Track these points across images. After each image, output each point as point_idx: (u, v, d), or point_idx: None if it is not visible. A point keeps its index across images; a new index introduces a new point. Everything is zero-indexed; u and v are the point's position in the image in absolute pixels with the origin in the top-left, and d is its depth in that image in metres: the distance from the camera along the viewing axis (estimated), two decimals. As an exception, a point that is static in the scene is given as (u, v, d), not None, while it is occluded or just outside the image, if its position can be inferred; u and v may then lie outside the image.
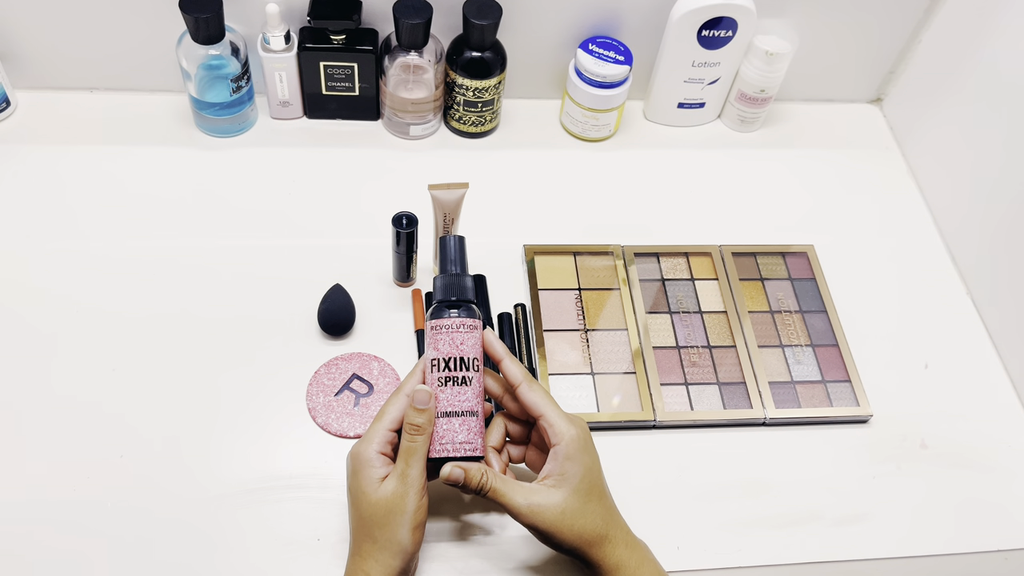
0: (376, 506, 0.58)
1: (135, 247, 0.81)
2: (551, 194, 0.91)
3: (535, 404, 0.61)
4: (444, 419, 0.61)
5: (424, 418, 0.60)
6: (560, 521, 0.58)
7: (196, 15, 0.79)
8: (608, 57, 0.89)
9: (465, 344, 0.61)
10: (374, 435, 0.60)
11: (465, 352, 0.61)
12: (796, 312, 0.83)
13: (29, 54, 0.89)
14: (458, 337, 0.61)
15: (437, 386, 0.61)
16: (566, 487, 0.59)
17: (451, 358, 0.61)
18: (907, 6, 0.94)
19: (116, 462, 0.69)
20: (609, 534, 0.59)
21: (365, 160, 0.91)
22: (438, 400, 0.61)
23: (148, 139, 0.90)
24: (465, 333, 0.61)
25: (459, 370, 0.61)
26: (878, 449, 0.76)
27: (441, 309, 0.62)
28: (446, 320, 0.61)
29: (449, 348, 0.61)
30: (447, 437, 0.60)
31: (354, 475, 0.60)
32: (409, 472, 0.58)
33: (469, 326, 0.62)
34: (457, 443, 0.60)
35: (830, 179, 0.97)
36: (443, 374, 0.61)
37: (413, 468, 0.59)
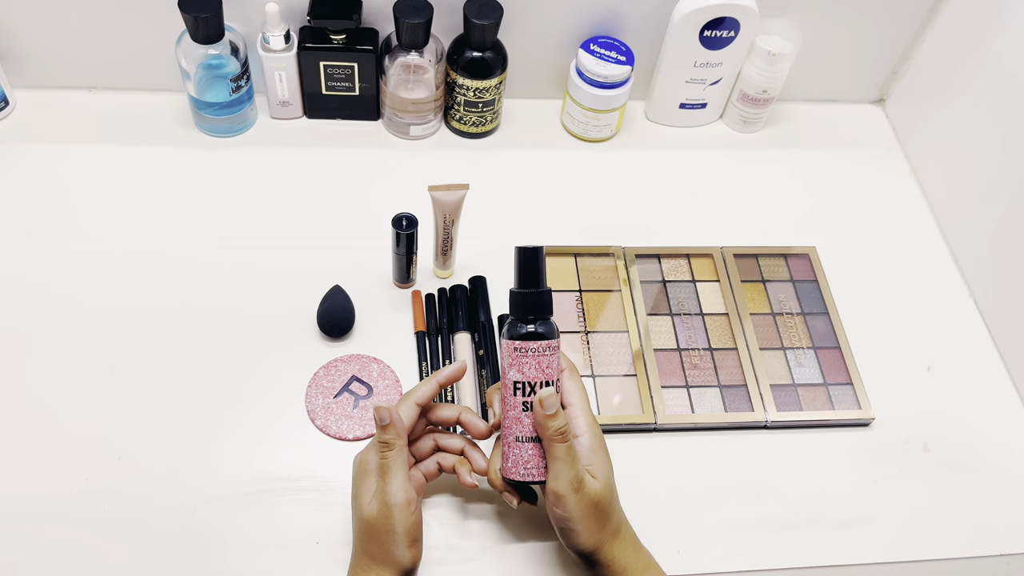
0: (367, 524, 0.58)
1: (134, 247, 0.81)
2: (552, 195, 0.90)
3: (569, 392, 0.61)
4: (529, 444, 0.60)
5: (391, 434, 0.59)
6: (592, 509, 0.58)
7: (195, 14, 0.79)
8: (609, 57, 0.89)
9: (551, 367, 0.59)
10: (376, 447, 0.60)
11: (551, 375, 0.59)
12: (798, 314, 0.83)
13: (28, 53, 0.88)
14: (544, 361, 0.59)
15: (520, 410, 0.59)
16: (600, 478, 0.59)
17: (537, 382, 0.59)
18: (910, 6, 0.93)
19: (114, 464, 0.68)
20: (620, 532, 0.60)
21: (365, 160, 0.91)
22: (522, 424, 0.59)
23: (147, 139, 0.89)
24: (551, 356, 0.59)
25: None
26: (880, 452, 0.76)
27: (520, 328, 0.59)
28: (533, 343, 0.58)
29: (536, 372, 0.59)
30: (532, 462, 0.60)
31: (355, 482, 0.60)
32: (388, 490, 0.58)
33: (553, 348, 0.59)
34: (542, 468, 0.60)
35: (832, 180, 0.96)
36: (528, 399, 0.59)
37: (391, 485, 0.58)
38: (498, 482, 0.63)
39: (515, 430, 0.60)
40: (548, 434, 0.58)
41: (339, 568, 0.65)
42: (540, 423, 0.58)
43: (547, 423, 0.58)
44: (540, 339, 0.59)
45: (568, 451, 0.58)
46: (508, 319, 0.61)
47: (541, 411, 0.58)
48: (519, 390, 0.59)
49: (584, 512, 0.58)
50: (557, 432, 0.58)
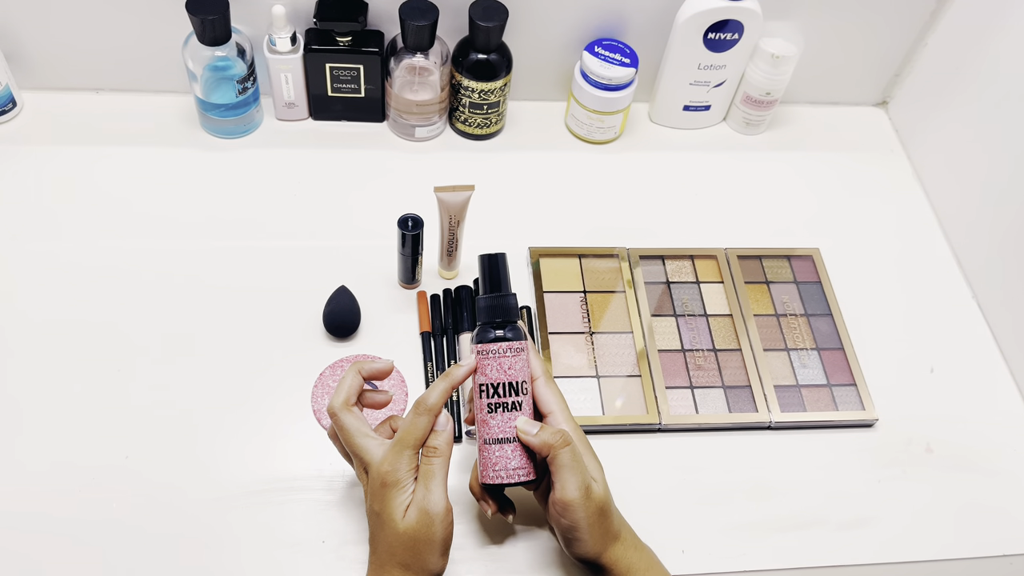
0: (404, 536, 0.56)
1: (142, 247, 0.81)
2: (556, 196, 0.91)
3: (547, 400, 0.61)
4: (496, 446, 0.59)
5: (442, 439, 0.58)
6: (598, 515, 0.58)
7: (202, 16, 0.79)
8: (614, 59, 0.89)
9: (513, 368, 0.59)
10: (403, 456, 0.57)
11: (514, 376, 0.60)
12: (801, 315, 0.83)
13: (35, 55, 0.89)
14: (506, 362, 0.59)
15: (487, 412, 0.60)
16: (600, 483, 0.59)
17: (500, 383, 0.59)
18: (913, 9, 0.94)
19: (121, 463, 0.69)
20: (621, 534, 0.60)
21: (370, 162, 0.91)
22: (488, 426, 0.60)
23: (154, 140, 0.90)
24: (512, 357, 0.59)
25: (508, 395, 0.59)
26: (883, 453, 0.76)
27: (486, 332, 0.60)
28: (492, 345, 0.59)
29: (497, 374, 0.59)
30: (500, 464, 0.59)
31: (379, 495, 0.57)
32: (430, 498, 0.56)
33: (516, 349, 0.60)
34: (510, 469, 0.59)
35: (835, 182, 0.97)
36: (492, 400, 0.59)
37: (433, 493, 0.57)
38: (475, 489, 0.63)
39: (483, 433, 0.60)
40: (548, 451, 0.57)
41: (345, 567, 0.65)
42: (533, 446, 0.58)
43: (537, 440, 0.58)
44: (501, 341, 0.59)
45: (573, 455, 0.57)
46: (476, 327, 0.61)
47: (527, 436, 0.58)
48: (484, 392, 0.60)
49: (591, 520, 0.57)
50: (555, 439, 0.57)
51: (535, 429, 0.58)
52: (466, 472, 0.70)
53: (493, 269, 0.62)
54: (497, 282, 0.62)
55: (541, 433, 0.58)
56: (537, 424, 0.59)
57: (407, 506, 0.57)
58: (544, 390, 0.61)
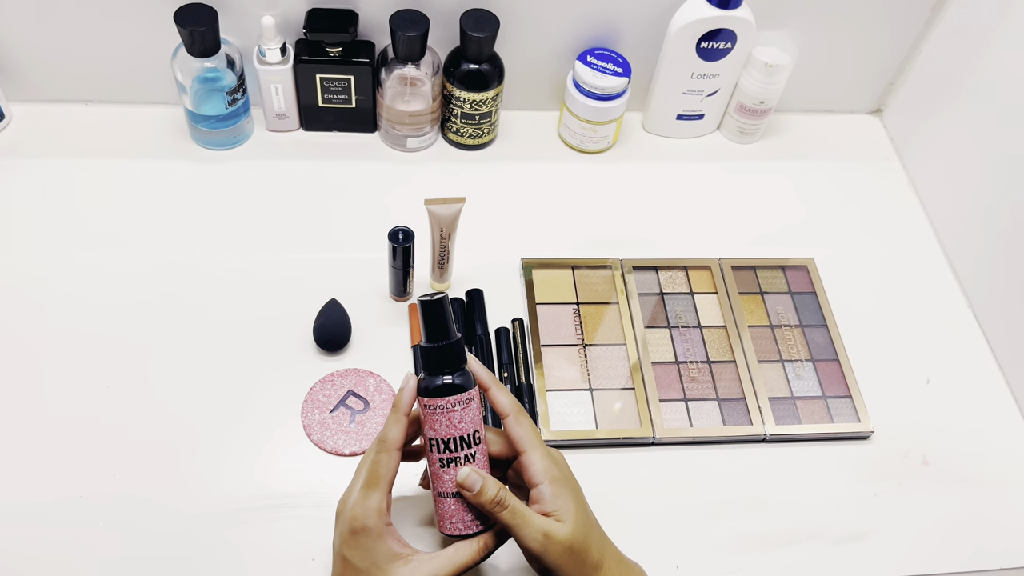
0: None
1: (130, 261, 0.81)
2: (549, 207, 0.90)
3: (520, 439, 0.58)
4: (451, 499, 0.57)
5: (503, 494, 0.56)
6: (569, 555, 0.56)
7: (191, 28, 0.79)
8: (606, 69, 0.89)
9: (463, 421, 0.56)
10: (371, 499, 0.56)
11: (464, 429, 0.56)
12: (796, 326, 0.83)
13: (24, 66, 0.88)
14: (455, 416, 0.56)
15: (439, 467, 0.57)
16: (568, 521, 0.56)
17: (450, 438, 0.56)
18: (907, 17, 0.93)
19: (109, 480, 0.68)
20: (603, 563, 0.58)
21: (362, 173, 0.90)
22: (441, 480, 0.57)
23: (143, 152, 0.89)
24: (462, 410, 0.56)
25: (460, 449, 0.57)
26: (879, 466, 0.75)
27: (432, 382, 0.56)
28: (440, 400, 0.56)
29: (447, 429, 0.56)
30: (456, 516, 0.57)
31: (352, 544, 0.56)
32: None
33: (465, 401, 0.56)
34: (467, 522, 0.58)
35: (830, 191, 0.96)
36: (443, 455, 0.57)
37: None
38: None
39: (437, 486, 0.58)
40: (486, 510, 0.56)
41: (335, 585, 0.64)
42: (473, 503, 0.56)
43: (479, 501, 0.56)
44: (448, 394, 0.56)
45: (514, 515, 0.56)
46: (421, 375, 0.58)
47: (467, 493, 0.56)
48: (434, 447, 0.57)
49: (560, 561, 0.56)
50: (494, 503, 0.56)
51: (476, 488, 0.56)
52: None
53: (432, 314, 0.56)
54: (440, 328, 0.56)
55: (478, 498, 0.56)
56: (479, 482, 0.56)
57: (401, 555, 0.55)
58: (515, 428, 0.58)
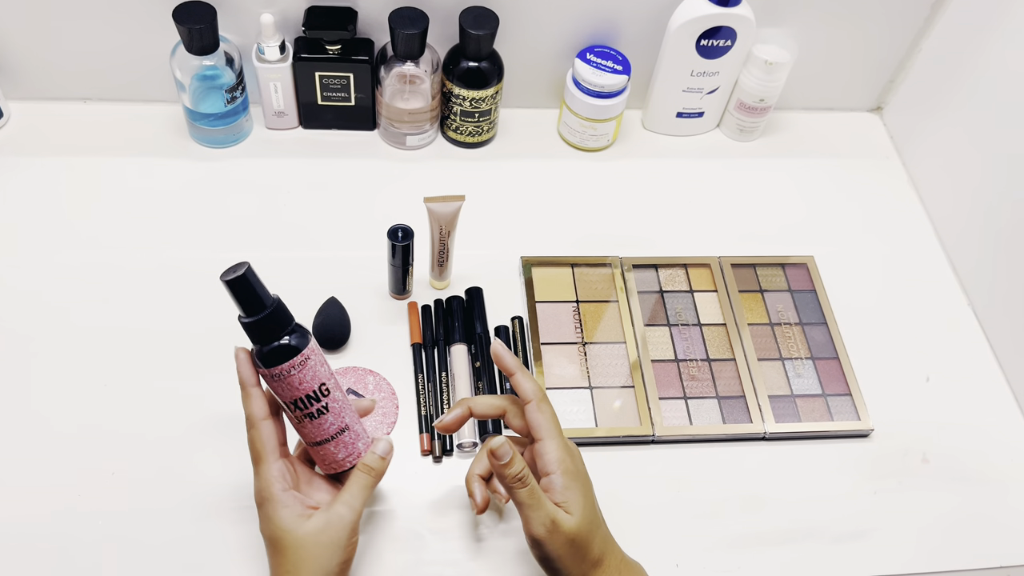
0: (305, 540, 0.56)
1: (129, 259, 0.80)
2: (549, 205, 0.90)
3: (539, 426, 0.59)
4: (319, 447, 0.60)
5: (375, 461, 0.59)
6: (570, 547, 0.57)
7: (190, 26, 0.78)
8: (606, 67, 0.89)
9: (304, 382, 0.57)
10: (261, 472, 0.57)
11: (308, 388, 0.57)
12: (796, 324, 0.83)
13: (22, 64, 0.88)
14: (294, 380, 0.57)
15: (298, 423, 0.59)
16: (575, 514, 0.57)
17: (297, 399, 0.57)
18: (907, 15, 0.93)
19: (107, 479, 0.68)
20: (604, 560, 0.58)
21: (361, 171, 0.90)
22: (305, 432, 0.59)
23: (142, 150, 0.89)
24: (299, 372, 0.57)
25: (310, 405, 0.58)
26: (879, 464, 0.75)
27: (263, 354, 0.56)
28: (275, 369, 0.56)
29: (290, 392, 0.57)
30: (329, 458, 0.60)
31: (263, 517, 0.57)
32: (337, 507, 0.57)
33: (299, 364, 0.56)
34: (340, 460, 0.60)
35: (830, 189, 0.96)
36: (297, 413, 0.58)
37: (344, 504, 0.57)
38: (468, 484, 0.63)
39: (305, 438, 0.60)
40: (506, 482, 0.57)
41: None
42: (497, 472, 0.57)
43: (504, 472, 0.57)
44: (281, 361, 0.56)
45: (531, 495, 0.56)
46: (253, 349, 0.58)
47: (495, 461, 0.57)
48: (287, 407, 0.58)
49: (563, 551, 0.56)
50: (515, 479, 0.56)
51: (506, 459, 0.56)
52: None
53: (239, 290, 0.56)
54: (252, 300, 0.56)
55: (504, 469, 0.57)
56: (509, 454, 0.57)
57: (305, 514, 0.57)
58: (536, 415, 0.60)
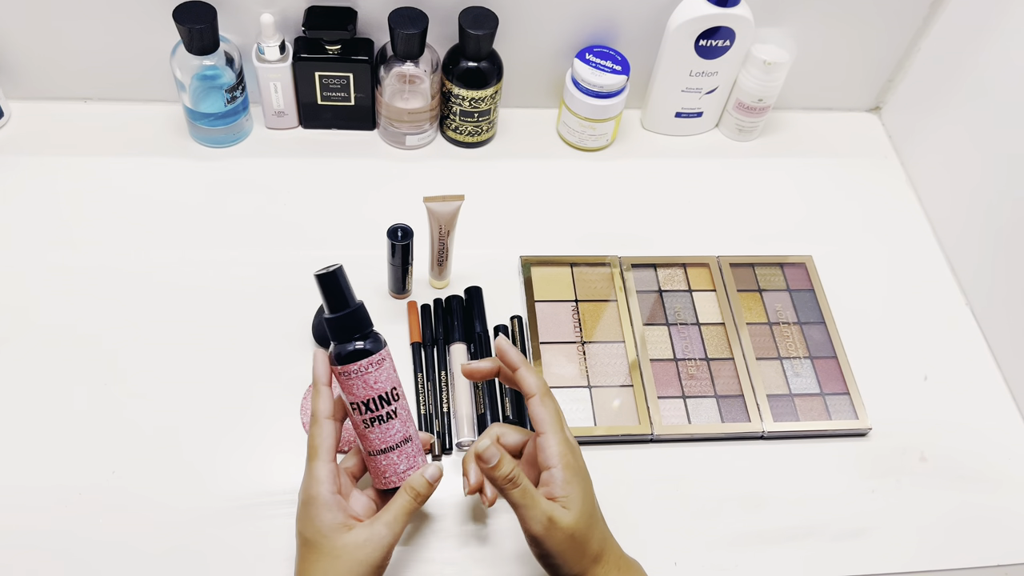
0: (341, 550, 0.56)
1: (129, 258, 0.81)
2: (548, 204, 0.90)
3: (541, 420, 0.59)
4: (381, 456, 0.60)
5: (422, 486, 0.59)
6: (570, 543, 0.57)
7: (190, 25, 0.79)
8: (605, 67, 0.89)
9: (379, 382, 0.58)
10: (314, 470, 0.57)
11: (381, 388, 0.59)
12: (794, 324, 0.83)
13: (23, 64, 0.88)
14: (370, 378, 0.58)
15: (364, 428, 0.59)
16: (573, 509, 0.57)
17: (369, 399, 0.58)
18: (905, 15, 0.93)
19: (108, 478, 0.68)
20: (603, 555, 0.59)
21: (361, 171, 0.91)
22: (369, 440, 0.60)
23: (142, 149, 0.89)
24: (375, 371, 0.58)
25: (381, 408, 0.59)
26: (877, 462, 0.75)
27: (343, 349, 0.58)
28: (352, 365, 0.58)
29: (364, 391, 0.58)
30: (389, 470, 0.60)
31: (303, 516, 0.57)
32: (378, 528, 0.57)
33: (376, 362, 0.58)
34: (400, 473, 0.60)
35: (828, 188, 0.96)
36: (366, 416, 0.59)
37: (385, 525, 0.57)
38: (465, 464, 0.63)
39: (366, 446, 0.60)
40: (498, 484, 0.57)
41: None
42: (487, 476, 0.57)
43: (493, 474, 0.57)
44: (359, 358, 0.58)
45: (524, 495, 0.57)
46: (331, 347, 0.59)
47: (483, 465, 0.57)
48: (356, 410, 0.59)
49: (562, 547, 0.57)
50: (506, 480, 0.57)
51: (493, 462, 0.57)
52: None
53: (330, 287, 0.58)
54: (340, 298, 0.58)
55: (492, 472, 0.57)
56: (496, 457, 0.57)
57: (347, 524, 0.56)
58: (539, 409, 0.60)
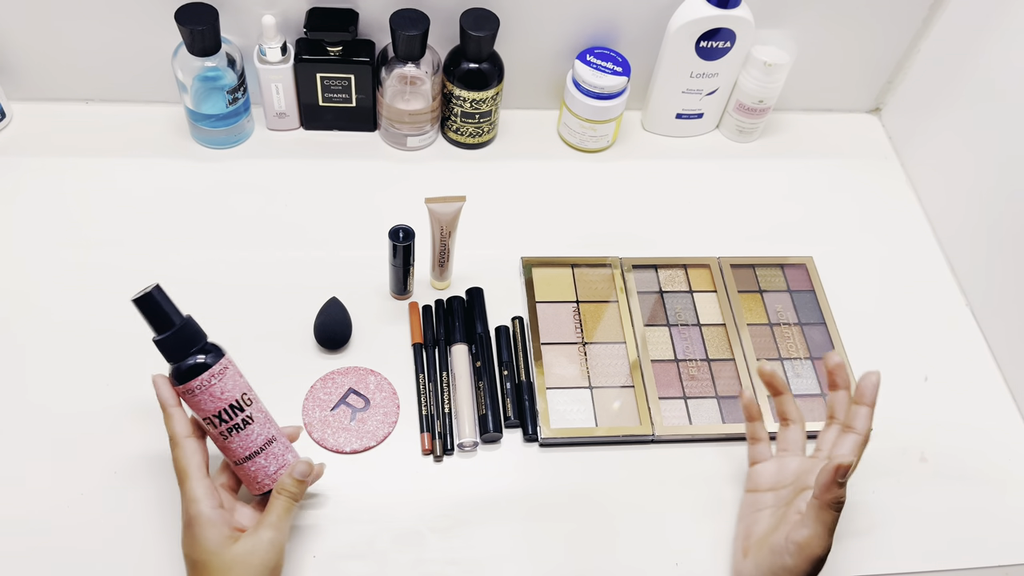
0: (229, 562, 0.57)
1: (131, 258, 0.81)
2: (549, 205, 0.90)
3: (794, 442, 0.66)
4: (248, 463, 0.60)
5: (290, 483, 0.60)
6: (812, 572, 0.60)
7: (192, 27, 0.79)
8: (606, 68, 0.89)
9: (226, 392, 0.58)
10: (191, 491, 0.58)
11: (231, 398, 0.59)
12: (795, 324, 0.83)
13: (24, 65, 0.88)
14: (215, 390, 0.58)
15: (224, 440, 0.59)
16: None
17: (219, 411, 0.58)
18: (905, 16, 0.94)
19: (110, 478, 0.68)
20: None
21: (362, 172, 0.91)
22: (231, 451, 0.60)
23: (144, 151, 0.89)
24: (219, 382, 0.58)
25: (234, 416, 0.59)
26: (878, 463, 0.75)
27: (182, 369, 0.58)
28: (194, 382, 0.58)
29: (213, 404, 0.58)
30: (260, 475, 0.61)
31: (189, 538, 0.58)
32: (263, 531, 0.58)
33: (218, 373, 0.58)
34: (271, 475, 0.61)
35: (828, 189, 0.96)
36: (222, 428, 0.59)
37: (270, 528, 0.58)
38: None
39: (231, 457, 0.61)
40: (828, 497, 0.57)
41: (336, 582, 0.65)
42: (825, 482, 0.57)
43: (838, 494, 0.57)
44: (198, 374, 0.58)
45: (835, 521, 0.58)
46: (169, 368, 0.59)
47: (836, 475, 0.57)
48: (211, 424, 0.59)
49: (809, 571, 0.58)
50: (838, 501, 0.57)
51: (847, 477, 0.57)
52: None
53: (148, 309, 0.58)
54: (162, 318, 0.58)
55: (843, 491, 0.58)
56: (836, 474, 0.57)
57: (233, 536, 0.57)
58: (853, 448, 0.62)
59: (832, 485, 0.57)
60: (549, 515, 0.70)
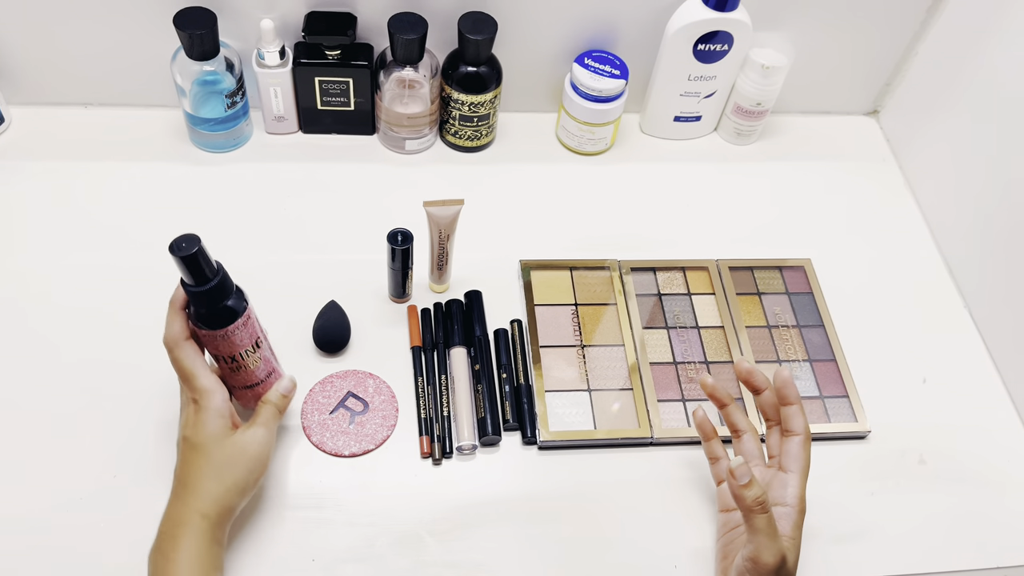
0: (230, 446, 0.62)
1: (130, 262, 0.81)
2: (547, 208, 0.91)
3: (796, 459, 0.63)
4: (248, 390, 0.66)
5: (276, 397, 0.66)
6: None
7: (190, 31, 0.79)
8: (604, 71, 0.89)
9: (243, 339, 0.63)
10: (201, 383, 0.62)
11: (248, 343, 0.63)
12: (793, 327, 0.83)
13: (24, 70, 0.88)
14: (235, 338, 0.62)
15: (230, 372, 0.65)
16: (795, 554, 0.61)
17: (235, 354, 0.63)
18: (904, 18, 0.94)
19: (109, 481, 0.68)
20: None
21: (361, 175, 0.91)
22: (235, 379, 0.65)
23: (143, 155, 0.89)
24: (243, 330, 0.62)
25: (247, 357, 0.64)
26: (876, 465, 0.76)
27: (211, 319, 0.61)
28: (223, 330, 0.62)
29: (229, 349, 0.63)
30: (260, 395, 0.66)
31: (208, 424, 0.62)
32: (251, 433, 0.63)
33: (241, 324, 0.62)
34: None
35: (826, 192, 0.97)
36: (234, 364, 0.64)
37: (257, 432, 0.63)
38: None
39: (230, 384, 0.66)
40: (745, 504, 0.57)
41: (335, 586, 0.65)
42: (735, 493, 0.57)
43: (742, 493, 0.57)
44: (226, 324, 0.61)
45: (770, 523, 0.57)
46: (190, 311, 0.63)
47: (734, 481, 0.57)
48: (221, 360, 0.64)
49: None
50: (757, 502, 0.57)
51: (745, 480, 0.57)
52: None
53: (192, 264, 0.59)
54: (201, 273, 0.60)
55: (743, 490, 0.57)
56: (749, 475, 0.57)
57: (231, 428, 0.62)
58: (800, 450, 0.63)
59: (737, 491, 0.57)
60: (548, 518, 0.70)
